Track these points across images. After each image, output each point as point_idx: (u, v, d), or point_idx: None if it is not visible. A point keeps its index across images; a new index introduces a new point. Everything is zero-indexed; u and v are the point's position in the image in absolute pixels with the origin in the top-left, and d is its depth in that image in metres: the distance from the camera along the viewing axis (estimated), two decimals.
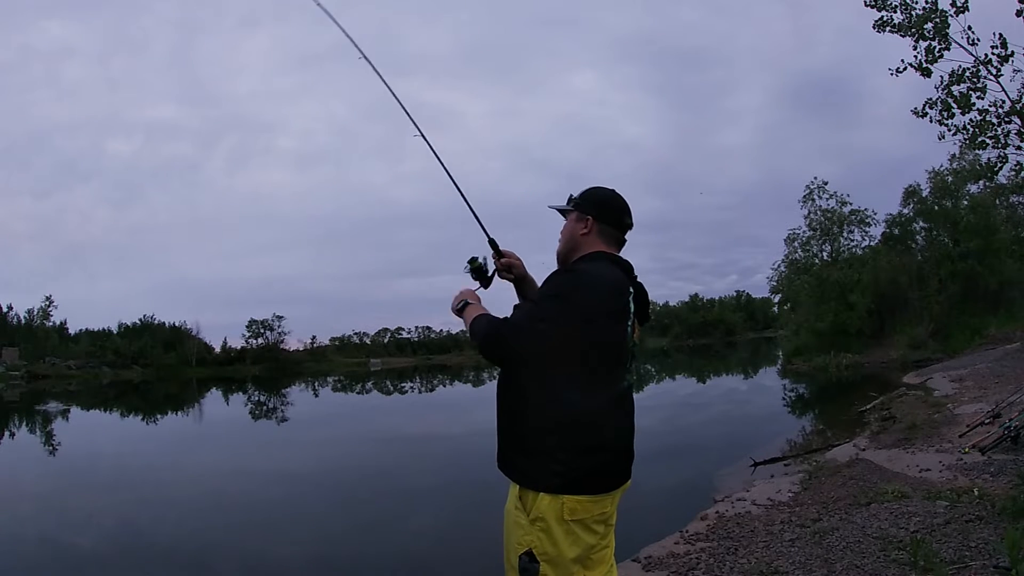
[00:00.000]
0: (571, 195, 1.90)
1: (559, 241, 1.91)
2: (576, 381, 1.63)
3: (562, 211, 1.93)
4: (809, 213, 29.10)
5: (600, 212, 1.84)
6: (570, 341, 1.63)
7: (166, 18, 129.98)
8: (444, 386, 34.54)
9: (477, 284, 1.99)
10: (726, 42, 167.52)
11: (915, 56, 7.23)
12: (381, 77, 2.36)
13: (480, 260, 2.00)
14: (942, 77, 7.16)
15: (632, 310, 1.76)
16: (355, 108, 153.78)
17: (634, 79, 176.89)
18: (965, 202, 26.37)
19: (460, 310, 1.89)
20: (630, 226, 1.88)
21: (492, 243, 2.05)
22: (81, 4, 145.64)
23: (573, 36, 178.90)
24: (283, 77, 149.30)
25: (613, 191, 1.89)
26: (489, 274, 2.00)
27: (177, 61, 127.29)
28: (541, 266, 2.00)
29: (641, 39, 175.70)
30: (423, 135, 2.28)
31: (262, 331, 73.34)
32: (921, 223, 28.29)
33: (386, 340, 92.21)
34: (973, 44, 6.94)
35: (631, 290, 1.76)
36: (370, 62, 2.39)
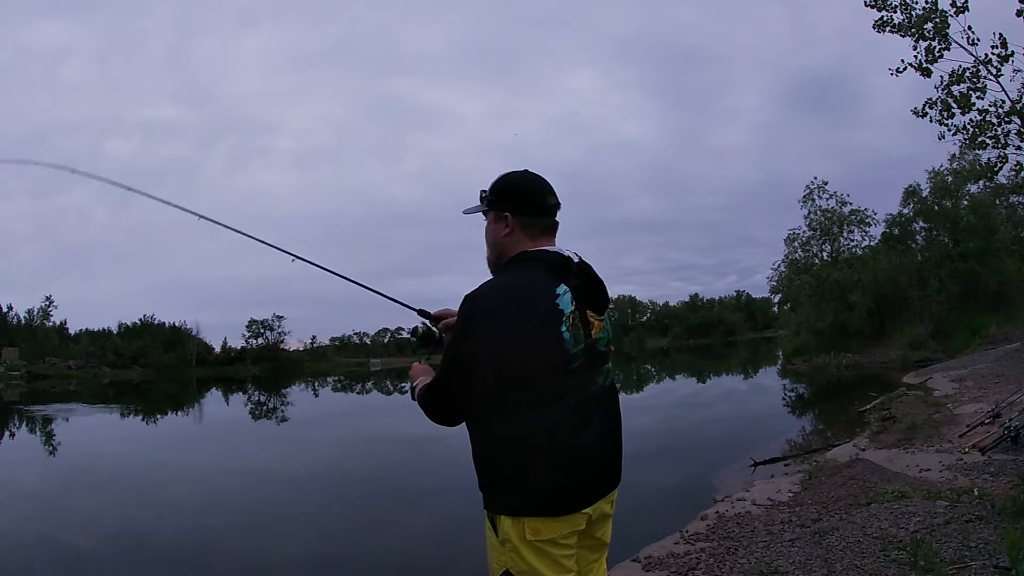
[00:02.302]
0: (482, 192, 1.70)
1: (486, 247, 1.72)
2: (509, 409, 1.52)
3: (483, 213, 1.72)
4: (809, 213, 29.14)
5: (517, 204, 1.63)
6: (487, 376, 1.51)
7: (164, 18, 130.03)
8: None
9: (430, 349, 1.98)
10: (724, 42, 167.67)
11: (915, 56, 7.22)
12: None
13: (421, 329, 1.98)
14: (942, 77, 7.16)
15: (567, 311, 1.54)
16: (354, 108, 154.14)
17: (632, 79, 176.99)
18: (965, 202, 26.37)
19: (413, 391, 1.78)
20: (556, 206, 1.68)
21: (423, 313, 2.01)
22: (79, 5, 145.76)
23: (570, 36, 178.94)
24: (281, 77, 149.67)
25: (524, 173, 1.69)
26: (437, 337, 1.98)
27: (175, 61, 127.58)
28: None
29: (639, 39, 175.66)
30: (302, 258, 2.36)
31: (262, 331, 73.55)
32: (921, 223, 28.29)
33: (386, 340, 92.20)
34: (973, 44, 6.94)
35: (557, 291, 1.55)
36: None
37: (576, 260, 1.64)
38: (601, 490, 1.62)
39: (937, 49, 7.07)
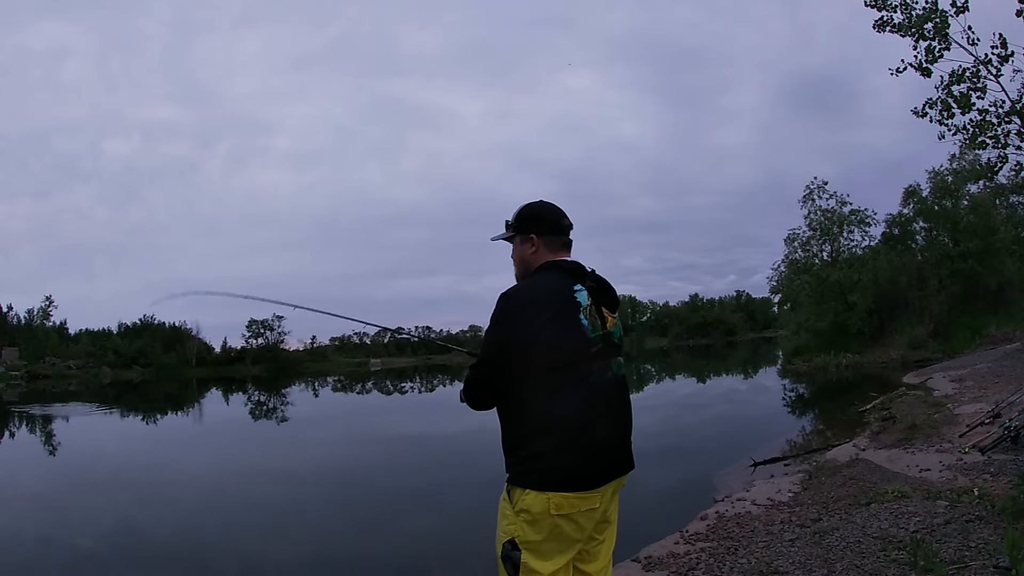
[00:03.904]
0: (507, 221, 2.03)
1: (514, 265, 2.04)
2: (540, 391, 1.74)
3: (509, 239, 2.04)
4: (809, 213, 29.14)
5: (540, 227, 1.96)
6: (520, 360, 1.75)
7: (162, 18, 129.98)
8: (444, 386, 34.49)
9: None
10: (723, 41, 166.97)
11: (915, 56, 7.20)
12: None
13: None
14: (942, 77, 7.13)
15: (584, 304, 1.83)
16: (352, 108, 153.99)
17: (631, 78, 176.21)
18: (965, 202, 26.38)
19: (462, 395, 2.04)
20: (570, 226, 2.01)
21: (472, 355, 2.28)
22: (77, 5, 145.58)
23: (569, 36, 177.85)
24: (280, 77, 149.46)
25: (541, 202, 2.02)
26: None
27: (174, 61, 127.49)
28: None
29: (637, 38, 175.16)
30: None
31: (262, 331, 73.48)
32: (921, 223, 28.29)
33: (386, 340, 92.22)
34: (973, 44, 6.91)
35: (575, 288, 1.85)
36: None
37: (590, 270, 1.95)
38: (616, 471, 1.81)
39: (937, 49, 7.05)
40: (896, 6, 7.20)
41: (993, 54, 6.77)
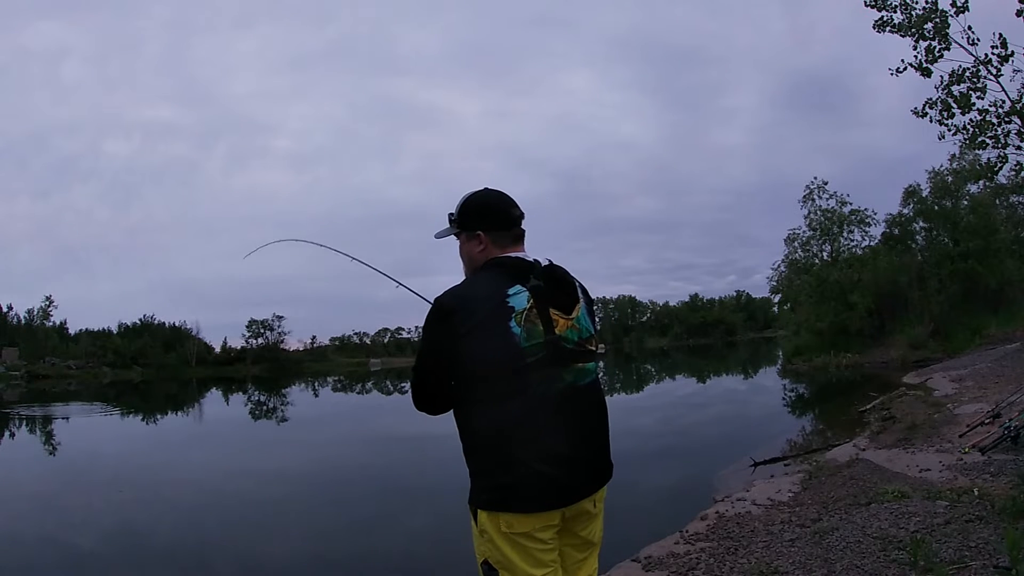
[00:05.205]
0: (450, 214, 1.80)
1: (462, 263, 1.82)
2: (474, 406, 1.61)
3: (455, 235, 1.81)
4: (809, 213, 29.14)
5: (486, 222, 1.74)
6: (447, 373, 1.63)
7: (161, 19, 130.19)
8: None
9: None
10: (722, 41, 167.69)
11: (915, 56, 7.20)
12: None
13: None
14: (942, 77, 7.13)
15: (520, 308, 1.59)
16: (351, 108, 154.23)
17: (630, 78, 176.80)
18: (965, 202, 26.39)
19: None
20: (521, 216, 1.77)
21: None
22: (76, 5, 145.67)
23: (567, 36, 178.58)
24: (279, 77, 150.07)
25: (486, 191, 1.78)
26: None
27: (173, 62, 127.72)
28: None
29: (636, 39, 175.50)
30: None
31: (262, 331, 73.66)
32: (921, 223, 28.28)
33: (386, 340, 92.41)
34: (973, 44, 6.91)
35: (510, 291, 1.61)
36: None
37: (544, 264, 1.71)
38: (572, 492, 1.61)
39: (937, 49, 7.05)
40: (896, 6, 7.20)
41: (993, 54, 6.77)
